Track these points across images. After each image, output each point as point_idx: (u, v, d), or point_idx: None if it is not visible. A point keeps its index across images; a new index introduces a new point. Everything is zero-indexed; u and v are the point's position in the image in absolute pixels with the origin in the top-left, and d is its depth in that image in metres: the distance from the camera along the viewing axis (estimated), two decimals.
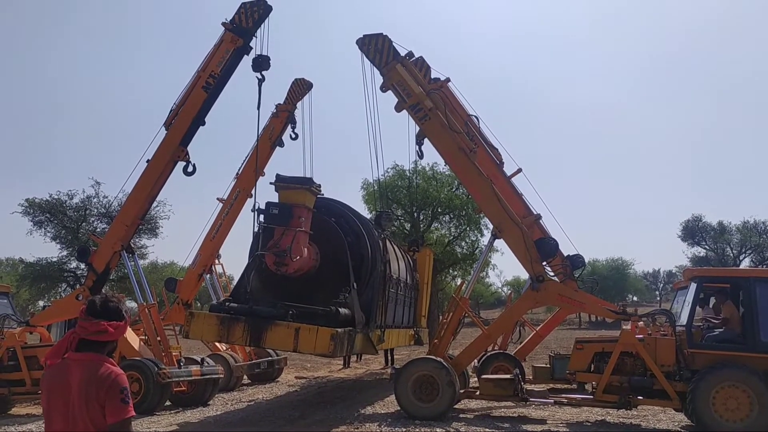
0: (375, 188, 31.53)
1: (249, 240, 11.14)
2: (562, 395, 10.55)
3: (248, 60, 12.20)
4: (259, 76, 11.95)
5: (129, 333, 11.44)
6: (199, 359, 12.60)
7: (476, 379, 12.10)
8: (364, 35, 11.74)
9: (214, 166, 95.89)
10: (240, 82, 25.58)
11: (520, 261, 11.00)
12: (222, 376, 13.23)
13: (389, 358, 19.69)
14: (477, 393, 10.86)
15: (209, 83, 12.21)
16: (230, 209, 15.07)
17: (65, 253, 34.27)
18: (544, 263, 10.97)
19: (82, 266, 27.53)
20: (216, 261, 16.16)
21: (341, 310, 9.96)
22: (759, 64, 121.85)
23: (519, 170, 12.40)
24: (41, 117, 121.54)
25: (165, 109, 19.93)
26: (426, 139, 11.65)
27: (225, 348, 14.83)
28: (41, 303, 35.80)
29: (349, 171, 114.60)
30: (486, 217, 13.63)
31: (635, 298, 70.95)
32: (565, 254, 11.23)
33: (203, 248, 15.16)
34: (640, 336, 10.00)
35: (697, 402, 8.93)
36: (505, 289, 65.25)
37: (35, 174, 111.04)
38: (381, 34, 11.67)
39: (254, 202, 11.16)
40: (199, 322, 10.09)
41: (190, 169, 12.62)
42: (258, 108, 11.77)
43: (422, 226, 35.13)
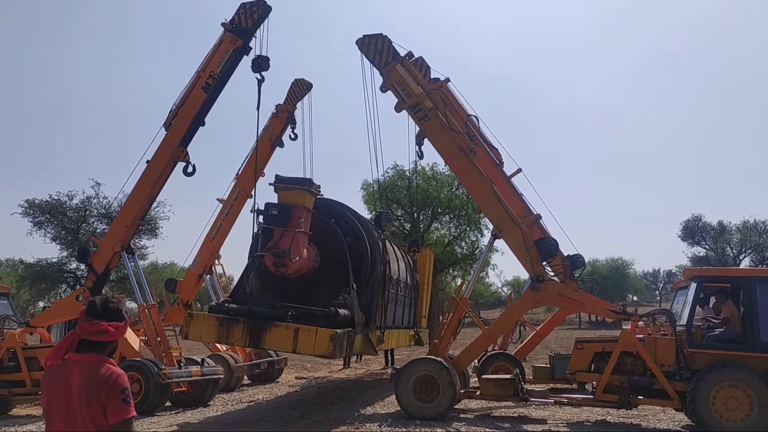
0: (375, 189, 31.52)
1: (249, 240, 11.16)
2: (563, 395, 10.55)
3: (248, 60, 12.22)
4: (259, 77, 11.96)
5: (129, 333, 11.46)
6: (200, 360, 12.60)
7: (476, 379, 12.10)
8: (364, 35, 11.75)
9: (214, 167, 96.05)
10: (240, 83, 25.60)
11: (520, 261, 11.00)
12: (222, 377, 13.24)
13: (389, 359, 19.68)
14: (477, 393, 10.86)
15: (209, 84, 12.22)
16: (230, 210, 15.07)
17: (65, 254, 34.22)
18: (544, 263, 10.97)
19: (82, 267, 27.51)
20: (216, 261, 16.17)
21: (341, 311, 9.96)
22: (759, 64, 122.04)
23: (519, 170, 12.43)
24: (41, 117, 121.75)
25: (165, 109, 20.02)
26: (426, 140, 11.65)
27: (225, 348, 14.83)
28: (41, 304, 35.71)
29: (349, 171, 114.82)
30: (486, 217, 13.63)
31: (635, 298, 70.92)
32: (565, 254, 11.23)
33: (203, 249, 15.16)
34: (641, 336, 10.00)
35: (697, 402, 8.93)
36: (505, 289, 65.26)
37: (35, 174, 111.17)
38: (381, 35, 11.67)
39: (254, 203, 11.21)
40: (198, 323, 10.08)
41: (190, 170, 12.65)
42: (258, 108, 11.78)
43: (422, 227, 35.10)
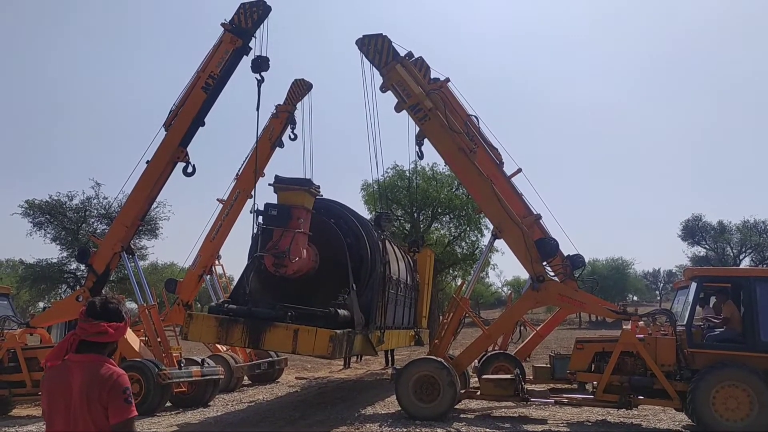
0: (375, 189, 31.50)
1: (249, 241, 11.15)
2: (563, 395, 10.55)
3: (248, 60, 12.21)
4: (259, 77, 11.95)
5: (129, 334, 11.46)
6: (200, 360, 12.59)
7: (477, 380, 12.10)
8: (364, 36, 11.75)
9: (214, 167, 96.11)
10: (240, 83, 25.59)
11: (521, 261, 11.00)
12: (222, 377, 13.24)
13: (390, 359, 19.68)
14: (478, 393, 10.86)
15: (209, 84, 12.22)
16: (230, 210, 15.05)
17: (65, 255, 34.17)
18: (545, 263, 10.97)
19: (82, 267, 27.46)
20: (216, 262, 16.15)
21: (340, 312, 9.95)
22: (759, 64, 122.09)
23: (519, 170, 12.42)
24: (41, 117, 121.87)
25: (165, 109, 20.00)
26: (426, 140, 11.65)
27: (225, 349, 14.82)
28: (41, 304, 35.70)
29: (349, 171, 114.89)
30: (486, 217, 13.63)
31: (635, 298, 70.99)
32: (565, 254, 11.22)
33: (203, 249, 15.14)
34: (641, 336, 10.00)
35: (698, 401, 8.93)
36: (505, 289, 65.27)
37: (35, 174, 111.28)
38: (380, 35, 11.66)
39: (254, 203, 11.18)
40: (198, 324, 10.08)
41: (190, 170, 12.64)
42: (257, 109, 11.76)
43: (422, 227, 35.06)
